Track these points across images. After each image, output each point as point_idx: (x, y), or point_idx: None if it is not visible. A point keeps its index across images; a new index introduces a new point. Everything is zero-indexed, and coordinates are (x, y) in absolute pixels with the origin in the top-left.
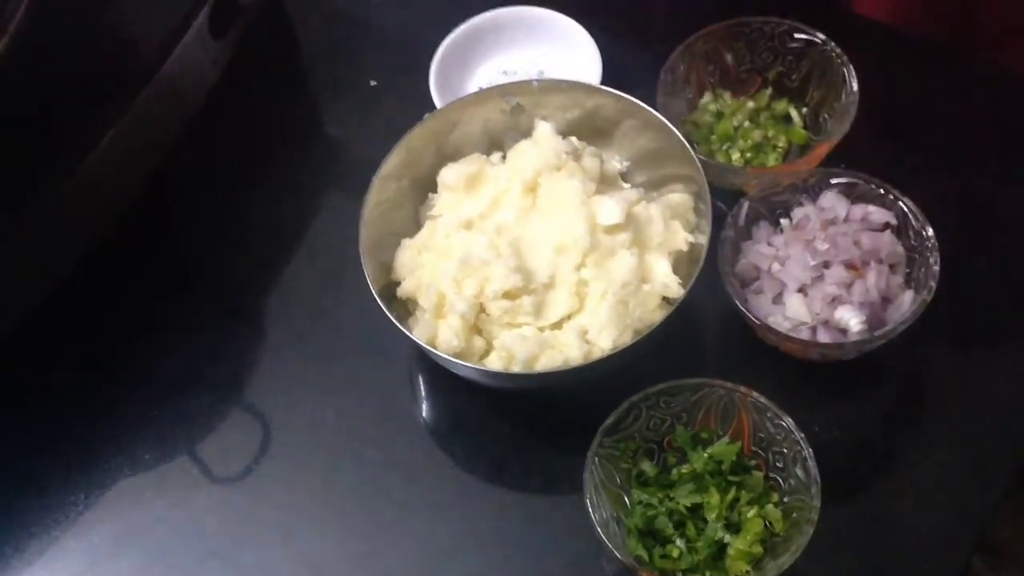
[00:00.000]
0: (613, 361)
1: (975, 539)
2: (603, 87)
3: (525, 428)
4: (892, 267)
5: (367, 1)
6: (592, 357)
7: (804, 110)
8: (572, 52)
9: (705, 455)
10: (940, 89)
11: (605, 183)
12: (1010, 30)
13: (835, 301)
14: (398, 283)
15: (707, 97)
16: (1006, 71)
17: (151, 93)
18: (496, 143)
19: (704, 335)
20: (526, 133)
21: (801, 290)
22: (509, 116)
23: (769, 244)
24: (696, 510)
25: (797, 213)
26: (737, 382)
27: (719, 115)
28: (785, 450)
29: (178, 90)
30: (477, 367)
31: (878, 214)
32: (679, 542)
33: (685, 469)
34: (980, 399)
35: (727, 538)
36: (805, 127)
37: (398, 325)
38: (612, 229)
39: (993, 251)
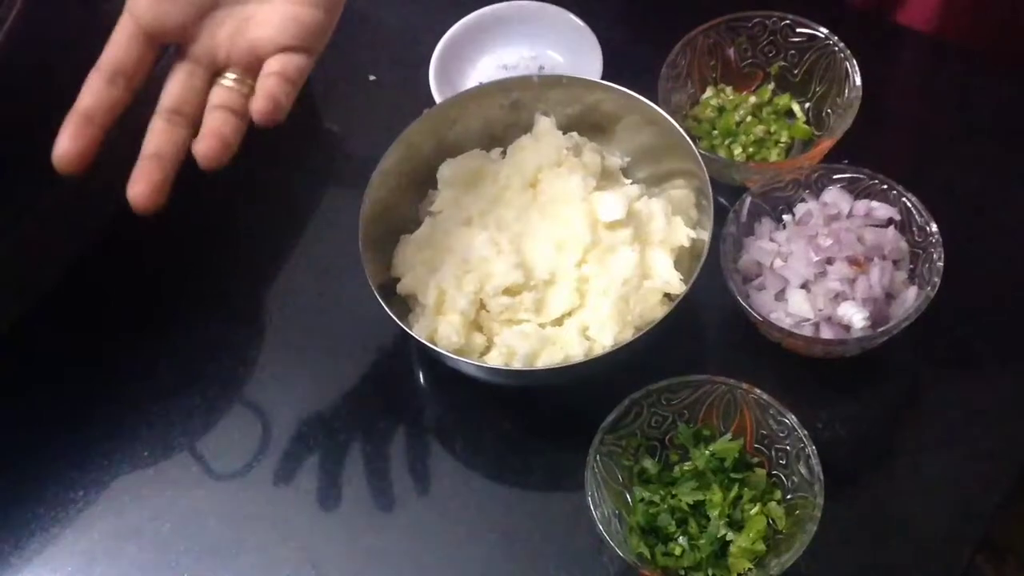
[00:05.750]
0: (614, 358)
1: (979, 537)
2: (604, 82)
3: (526, 425)
4: (896, 263)
5: None
6: (593, 354)
7: (807, 105)
8: (573, 47)
9: (707, 452)
10: (944, 84)
11: (606, 179)
12: None
13: (838, 297)
14: (398, 279)
15: (709, 92)
16: (1010, 66)
17: (148, 90)
18: (496, 139)
19: (706, 332)
20: (526, 128)
21: (804, 286)
22: (509, 111)
23: (771, 240)
24: (698, 508)
25: (800, 209)
26: (739, 379)
27: (721, 110)
28: (788, 447)
29: None
30: (478, 364)
31: (881, 210)
32: (681, 540)
33: (687, 466)
34: (984, 396)
35: (729, 536)
36: (808, 122)
37: (398, 322)
38: (613, 225)
39: (997, 247)
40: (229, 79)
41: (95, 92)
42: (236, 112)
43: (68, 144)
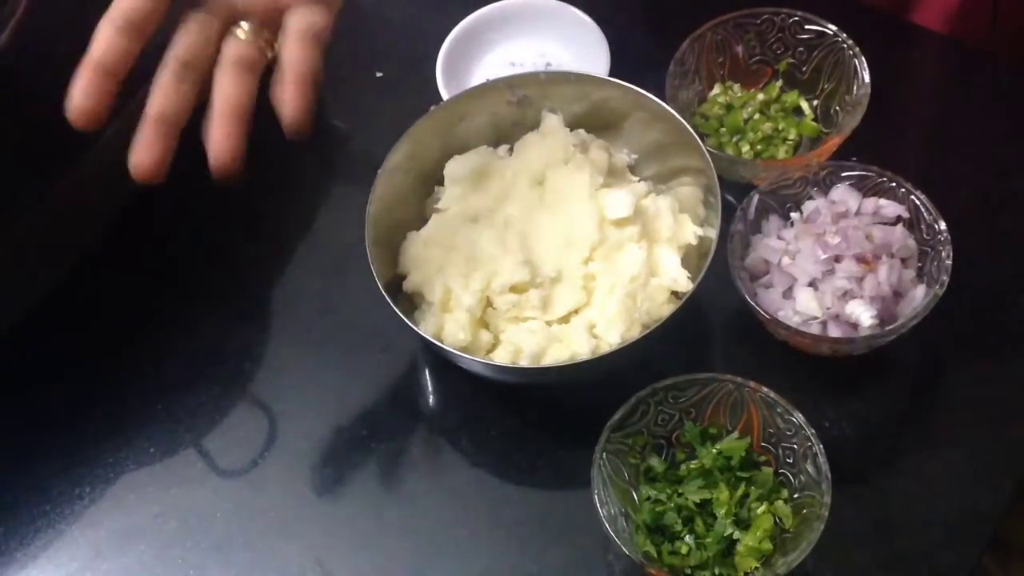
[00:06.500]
0: (621, 356)
1: (986, 536)
2: (611, 79)
3: (532, 423)
4: (904, 261)
5: None
6: (600, 351)
7: (815, 102)
8: (580, 43)
9: (714, 451)
10: (952, 81)
11: (613, 176)
12: None
13: (846, 295)
14: (404, 277)
15: (717, 89)
16: (1019, 64)
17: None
18: (503, 135)
19: (713, 330)
20: (533, 125)
21: (811, 284)
22: (516, 108)
23: (779, 238)
24: (705, 506)
25: (808, 206)
26: (746, 377)
27: (729, 107)
28: (795, 446)
29: None
30: (484, 361)
31: (890, 207)
32: (688, 538)
33: (694, 465)
34: (993, 394)
35: (736, 534)
36: (816, 119)
37: (404, 319)
38: (620, 222)
39: (1006, 245)
40: (244, 30)
41: (107, 42)
42: (250, 68)
43: (82, 98)
